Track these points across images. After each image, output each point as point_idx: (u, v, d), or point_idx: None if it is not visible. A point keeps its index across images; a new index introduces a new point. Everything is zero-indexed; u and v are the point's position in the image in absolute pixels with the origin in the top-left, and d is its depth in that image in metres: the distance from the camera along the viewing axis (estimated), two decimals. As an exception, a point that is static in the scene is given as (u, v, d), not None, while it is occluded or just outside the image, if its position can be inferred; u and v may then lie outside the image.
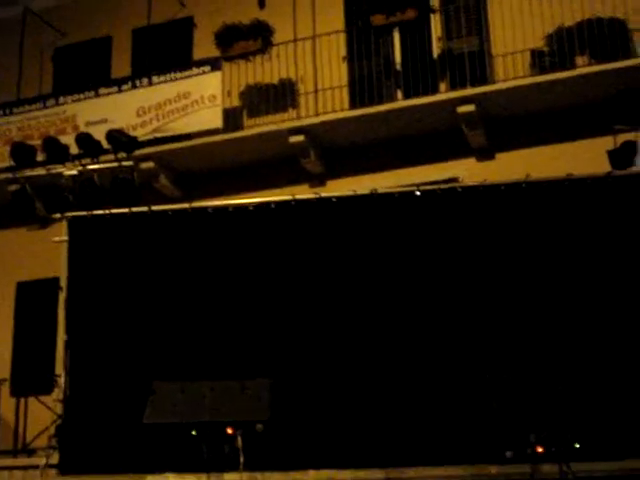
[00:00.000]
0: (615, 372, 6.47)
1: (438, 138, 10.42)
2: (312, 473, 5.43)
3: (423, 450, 6.21)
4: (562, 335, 6.70)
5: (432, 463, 5.49)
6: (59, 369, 7.85)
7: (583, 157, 9.31)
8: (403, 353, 6.86)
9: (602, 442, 5.91)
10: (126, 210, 8.04)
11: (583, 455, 5.35)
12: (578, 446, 5.34)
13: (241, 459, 5.30)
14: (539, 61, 10.20)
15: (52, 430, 8.02)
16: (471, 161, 10.53)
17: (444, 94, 10.44)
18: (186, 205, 8.00)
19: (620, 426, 6.20)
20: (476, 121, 10.11)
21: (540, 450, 5.29)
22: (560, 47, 10.05)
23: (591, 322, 6.71)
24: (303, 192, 9.83)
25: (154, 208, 7.98)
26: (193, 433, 5.59)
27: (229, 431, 5.51)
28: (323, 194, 8.11)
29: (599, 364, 6.52)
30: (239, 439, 5.42)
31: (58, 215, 8.42)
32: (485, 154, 10.47)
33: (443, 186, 7.93)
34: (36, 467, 7.89)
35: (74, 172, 9.03)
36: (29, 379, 10.86)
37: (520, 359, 6.63)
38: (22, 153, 9.59)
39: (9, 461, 10.06)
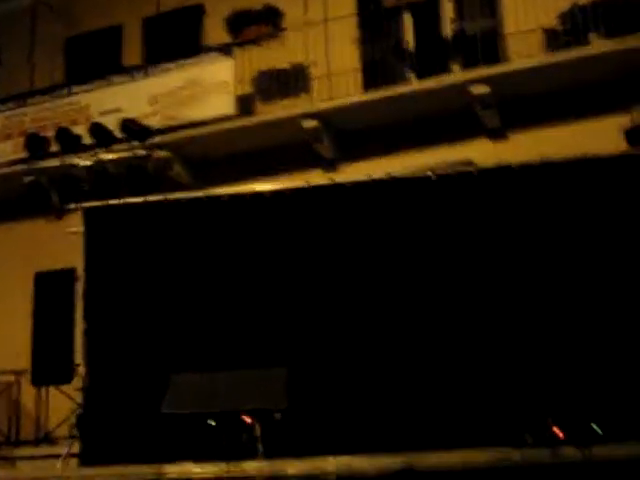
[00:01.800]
0: (632, 357, 6.43)
1: (451, 119, 10.34)
2: (331, 460, 5.43)
3: (442, 435, 6.22)
4: (584, 317, 6.64)
5: (451, 448, 5.46)
6: (78, 359, 7.90)
7: (599, 136, 9.22)
8: (422, 338, 6.84)
9: (623, 425, 5.89)
10: (141, 199, 8.03)
11: (604, 439, 5.32)
12: (598, 430, 5.31)
13: (260, 448, 5.31)
14: (553, 40, 10.10)
15: (73, 419, 8.08)
16: (484, 142, 10.47)
17: (457, 75, 10.38)
18: (201, 194, 7.98)
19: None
20: (489, 102, 10.04)
21: (561, 434, 5.28)
22: (574, 25, 9.94)
23: (613, 305, 6.65)
24: (317, 177, 9.82)
25: (169, 197, 7.96)
26: (211, 423, 5.61)
27: (247, 420, 5.52)
28: (338, 179, 8.06)
29: (621, 347, 6.48)
30: (257, 428, 5.43)
31: (73, 205, 8.43)
32: (498, 135, 10.40)
33: (459, 169, 7.84)
34: (57, 456, 7.95)
35: (88, 162, 9.07)
36: (49, 369, 10.90)
37: (541, 342, 6.59)
38: (36, 144, 9.65)
39: (31, 450, 10.18)
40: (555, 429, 5.25)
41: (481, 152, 10.11)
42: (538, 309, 6.73)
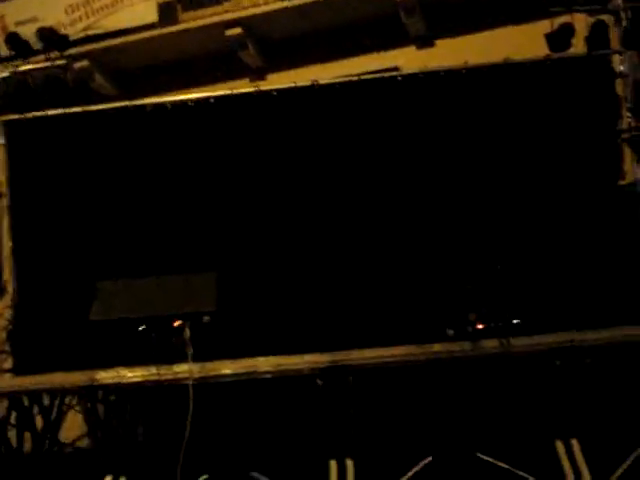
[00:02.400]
0: (550, 248, 6.69)
1: (377, 27, 10.31)
2: (261, 360, 5.57)
3: (366, 333, 6.43)
4: (502, 212, 6.86)
5: (376, 345, 5.66)
6: (7, 275, 7.82)
7: (522, 41, 9.29)
8: (345, 236, 6.99)
9: (540, 316, 6.17)
10: (61, 111, 7.84)
11: (522, 330, 5.57)
12: (517, 321, 5.55)
13: (189, 350, 5.40)
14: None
15: (3, 336, 8.06)
16: (411, 49, 10.48)
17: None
18: (124, 103, 7.82)
19: (557, 300, 6.48)
20: (414, 8, 9.99)
21: (480, 327, 5.50)
22: None
23: (529, 201, 6.88)
24: (243, 87, 9.70)
25: (89, 108, 7.80)
26: (141, 328, 5.66)
27: (176, 324, 5.59)
28: (263, 87, 7.99)
29: (536, 240, 6.74)
30: (186, 331, 5.51)
31: (-8, 118, 8.20)
32: (424, 42, 10.40)
33: (383, 75, 7.86)
34: (-10, 372, 7.94)
35: (6, 74, 8.77)
36: (-24, 287, 10.79)
37: (461, 237, 6.80)
38: (-50, 56, 9.24)
39: (-37, 368, 10.11)
40: (477, 323, 5.45)
41: (407, 60, 10.12)
42: (460, 208, 6.91)
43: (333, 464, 5.45)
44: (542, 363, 5.51)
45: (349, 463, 5.43)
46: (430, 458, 5.59)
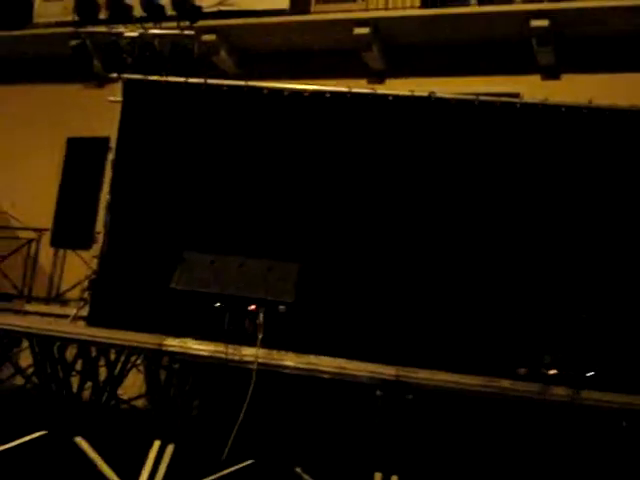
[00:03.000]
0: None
1: (505, 50, 10.17)
2: (326, 360, 5.55)
3: (436, 356, 6.37)
4: (592, 261, 6.70)
5: (444, 369, 5.58)
6: (100, 227, 8.03)
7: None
8: (431, 256, 6.93)
9: (615, 374, 5.98)
10: (182, 79, 8.00)
11: (594, 384, 5.40)
12: (591, 374, 5.39)
13: (260, 335, 5.43)
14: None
15: (86, 284, 8.29)
16: (536, 78, 10.28)
17: (519, 5, 10.11)
18: (242, 83, 7.93)
19: (635, 361, 6.28)
20: (547, 37, 9.81)
21: (553, 372, 5.36)
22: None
23: (620, 251, 6.69)
24: (360, 87, 9.71)
25: (210, 81, 7.93)
26: (217, 305, 5.72)
27: (252, 307, 5.63)
28: (380, 91, 7.98)
29: (624, 296, 6.54)
30: (261, 316, 5.54)
31: (115, 75, 8.42)
32: (551, 73, 10.20)
33: (502, 99, 7.74)
34: (67, 316, 8.18)
35: (135, 34, 9.02)
36: (69, 233, 11.13)
37: (547, 280, 6.65)
38: (86, 8, 9.56)
39: (42, 307, 10.47)
40: (550, 367, 5.32)
41: (531, 88, 9.93)
42: (549, 248, 6.76)
43: (378, 476, 5.40)
44: (609, 421, 5.33)
45: (394, 479, 5.38)
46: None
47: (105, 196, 8.08)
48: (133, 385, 8.01)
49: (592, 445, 5.52)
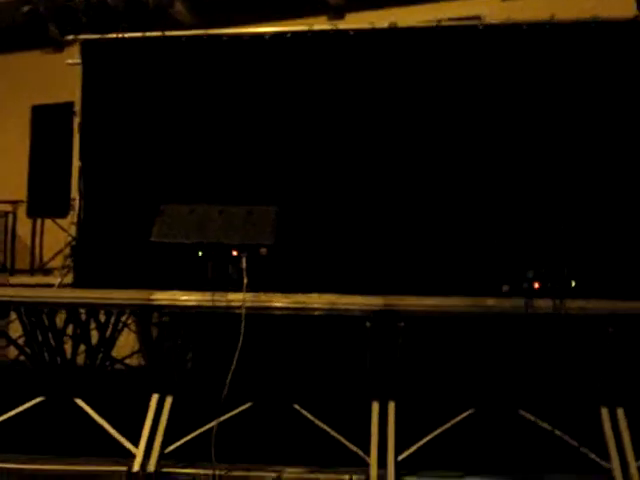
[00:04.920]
0: (617, 214, 6.59)
1: (462, -27, 10.07)
2: (315, 296, 5.60)
3: (422, 281, 6.47)
4: (568, 171, 6.79)
5: (430, 294, 5.66)
6: (74, 193, 7.99)
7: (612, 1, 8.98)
8: (407, 181, 6.99)
9: (598, 281, 6.10)
10: (139, 34, 7.89)
11: (578, 293, 5.50)
12: (574, 284, 5.47)
13: (245, 280, 5.46)
14: None
15: (67, 251, 8.27)
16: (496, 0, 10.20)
17: None
18: (201, 32, 7.83)
19: (618, 267, 6.39)
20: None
21: (537, 286, 5.44)
22: None
23: (598, 161, 6.79)
24: (321, 24, 9.62)
25: (168, 33, 7.84)
26: (199, 254, 5.74)
27: (234, 253, 5.65)
28: (341, 26, 7.90)
29: (602, 204, 6.63)
30: (243, 261, 5.56)
31: (71, 37, 8.29)
32: (510, -8, 10.12)
33: (464, 23, 7.70)
34: (51, 286, 8.17)
35: (87, -7, 8.87)
36: (45, 201, 11.07)
37: (525, 193, 6.74)
38: (34, -28, 9.36)
39: (26, 279, 10.44)
40: (534, 281, 5.39)
41: (491, 9, 9.87)
42: (529, 160, 6.84)
43: (375, 405, 5.50)
44: (595, 329, 5.43)
45: (391, 405, 5.48)
46: (471, 410, 5.60)
47: (76, 162, 8.02)
48: (126, 345, 8.07)
49: (579, 355, 5.64)
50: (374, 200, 7.00)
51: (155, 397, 5.67)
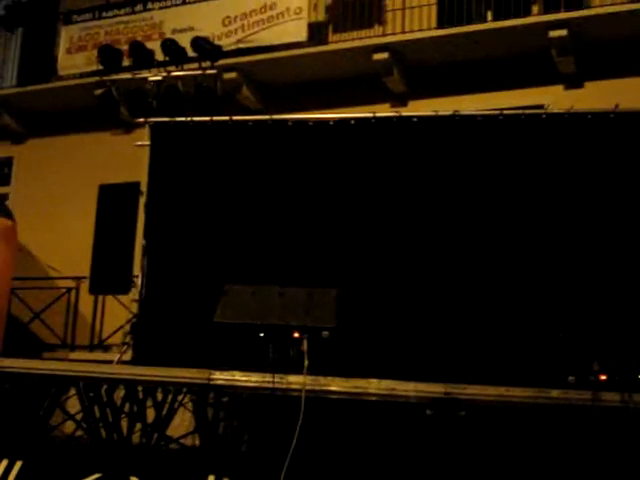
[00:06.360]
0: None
1: (526, 63, 10.19)
2: (374, 382, 5.53)
3: (484, 371, 6.32)
4: (632, 264, 6.63)
5: (492, 383, 5.53)
6: (137, 271, 8.11)
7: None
8: (472, 273, 6.89)
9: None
10: (207, 119, 8.11)
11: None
12: (642, 378, 5.31)
13: (305, 362, 5.42)
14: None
15: (127, 328, 8.36)
16: (559, 89, 10.28)
17: (536, 17, 10.14)
18: (266, 117, 8.02)
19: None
20: (567, 47, 9.81)
21: (603, 378, 5.29)
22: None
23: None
24: (384, 111, 9.79)
25: (235, 118, 8.04)
26: (261, 335, 5.74)
27: (295, 335, 5.64)
28: (404, 113, 8.01)
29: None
30: (305, 343, 5.54)
31: (141, 120, 8.56)
32: (574, 82, 10.19)
33: (527, 112, 7.73)
34: (110, 362, 8.23)
35: (159, 78, 9.16)
36: (107, 279, 11.27)
37: (593, 284, 6.60)
38: (109, 57, 9.72)
39: (85, 355, 10.57)
40: (600, 373, 5.25)
41: (555, 99, 9.93)
42: (599, 251, 6.70)
43: (433, 497, 5.35)
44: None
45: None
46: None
47: (140, 240, 8.17)
48: (180, 425, 8.03)
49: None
50: (438, 285, 6.93)
51: (211, 478, 5.60)
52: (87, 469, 6.01)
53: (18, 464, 6.06)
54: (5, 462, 6.07)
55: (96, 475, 5.97)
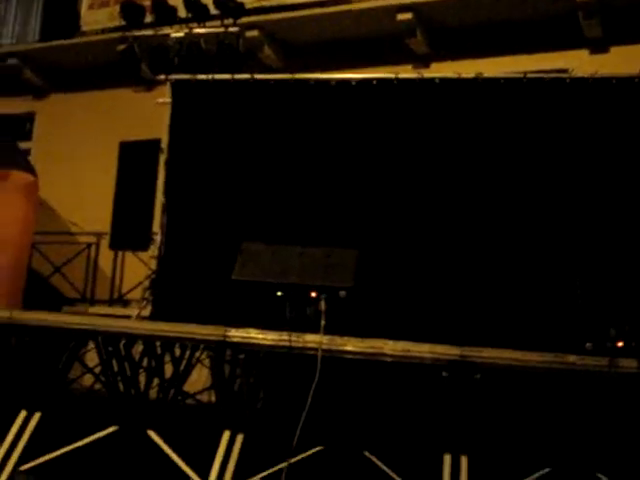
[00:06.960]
0: None
1: (551, 26, 10.01)
2: (390, 343, 5.55)
3: (501, 334, 6.35)
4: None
5: (508, 347, 5.55)
6: (156, 228, 8.16)
7: None
8: (492, 235, 6.90)
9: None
10: (229, 76, 8.08)
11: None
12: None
13: (322, 322, 5.46)
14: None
15: (146, 284, 8.43)
16: (584, 53, 10.12)
17: (561, -21, 9.96)
18: (288, 76, 8.00)
19: None
20: (594, 10, 9.65)
21: (620, 344, 5.29)
22: None
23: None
24: (407, 72, 9.71)
25: (257, 76, 8.01)
26: (278, 294, 5.77)
27: (313, 295, 5.66)
28: (426, 75, 7.95)
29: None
30: (322, 303, 5.56)
31: (163, 77, 8.54)
32: (599, 46, 10.03)
33: (551, 76, 7.65)
34: (129, 317, 8.32)
35: (181, 35, 9.12)
36: (127, 235, 11.33)
37: (611, 252, 6.58)
38: (131, 13, 9.67)
39: (104, 309, 10.67)
40: (617, 340, 5.25)
41: (579, 63, 9.77)
42: (619, 217, 6.69)
43: (447, 458, 5.40)
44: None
45: (463, 459, 5.36)
46: (547, 469, 5.44)
47: (160, 197, 8.20)
48: (198, 381, 8.12)
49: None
50: (458, 247, 6.94)
51: (227, 434, 5.68)
52: (104, 422, 6.10)
53: (37, 415, 6.17)
54: (24, 413, 6.18)
55: (113, 428, 6.07)
